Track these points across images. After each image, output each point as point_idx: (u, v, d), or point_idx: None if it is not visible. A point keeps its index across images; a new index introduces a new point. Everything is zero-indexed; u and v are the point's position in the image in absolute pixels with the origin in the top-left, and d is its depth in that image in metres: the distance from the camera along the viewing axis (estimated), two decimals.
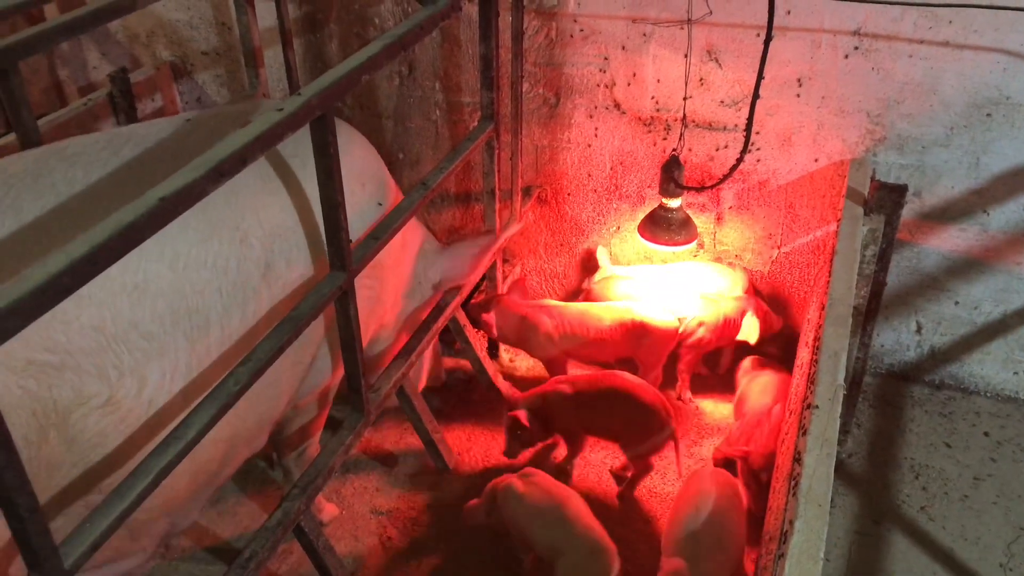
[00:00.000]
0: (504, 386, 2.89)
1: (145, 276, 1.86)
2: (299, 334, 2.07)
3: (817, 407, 2.11)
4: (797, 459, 2.09)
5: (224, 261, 2.02)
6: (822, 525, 1.83)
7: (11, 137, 2.69)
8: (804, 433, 2.09)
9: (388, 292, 2.70)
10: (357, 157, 2.53)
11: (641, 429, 2.93)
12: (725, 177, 3.12)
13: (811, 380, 2.30)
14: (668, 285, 3.46)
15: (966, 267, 3.29)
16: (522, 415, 2.91)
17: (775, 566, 1.98)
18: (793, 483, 2.00)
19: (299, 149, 2.27)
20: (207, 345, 1.97)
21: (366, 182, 2.52)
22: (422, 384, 3.20)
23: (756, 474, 2.87)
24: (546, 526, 2.61)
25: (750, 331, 3.31)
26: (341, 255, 2.20)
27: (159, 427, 1.90)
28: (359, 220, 2.41)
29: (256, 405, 2.19)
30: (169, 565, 2.83)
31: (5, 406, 1.31)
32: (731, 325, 3.33)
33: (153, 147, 2.08)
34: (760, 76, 2.90)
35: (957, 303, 3.37)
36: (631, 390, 2.94)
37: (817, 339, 2.46)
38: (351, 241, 2.20)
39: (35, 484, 1.37)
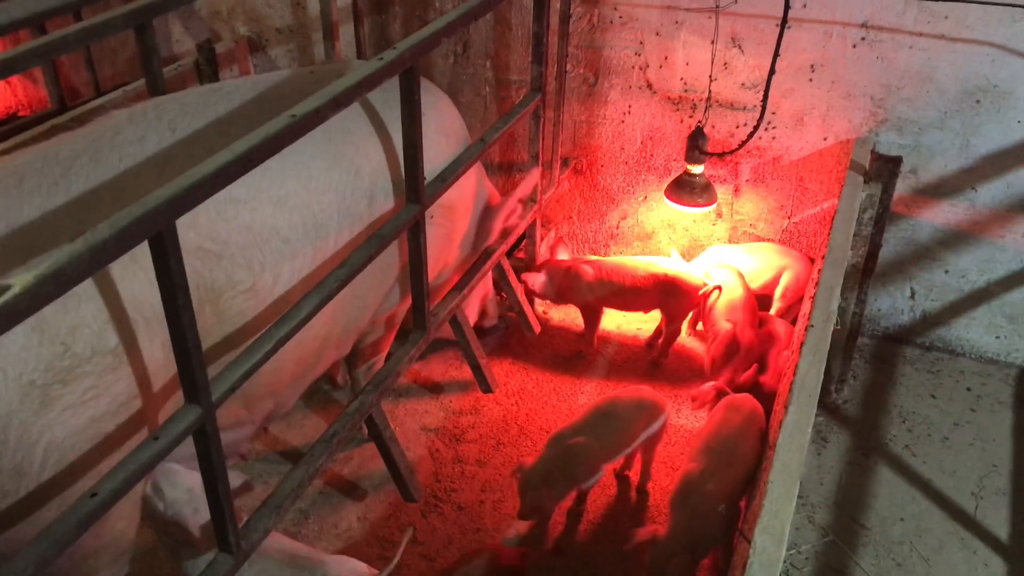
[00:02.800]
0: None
1: (286, 192, 2.30)
2: (382, 250, 2.50)
3: (813, 326, 2.51)
4: (796, 371, 2.50)
5: (343, 187, 2.46)
6: (810, 409, 2.23)
7: (140, 82, 3.17)
8: (801, 347, 2.49)
9: (456, 235, 3.12)
10: (444, 112, 2.99)
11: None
12: (743, 144, 3.54)
13: (810, 311, 2.70)
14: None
15: (956, 239, 3.67)
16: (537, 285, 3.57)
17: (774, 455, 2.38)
18: (790, 386, 2.40)
19: (396, 104, 2.70)
20: (324, 254, 2.41)
21: (450, 134, 2.97)
22: (474, 320, 3.62)
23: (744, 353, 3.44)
24: (618, 423, 2.97)
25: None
26: (416, 189, 2.61)
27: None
28: (445, 166, 2.84)
29: (348, 312, 2.62)
30: (247, 464, 3.26)
31: None
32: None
33: (282, 87, 2.54)
34: (776, 56, 3.31)
35: (947, 272, 3.76)
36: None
37: (816, 284, 2.86)
38: (425, 179, 2.63)
39: None
